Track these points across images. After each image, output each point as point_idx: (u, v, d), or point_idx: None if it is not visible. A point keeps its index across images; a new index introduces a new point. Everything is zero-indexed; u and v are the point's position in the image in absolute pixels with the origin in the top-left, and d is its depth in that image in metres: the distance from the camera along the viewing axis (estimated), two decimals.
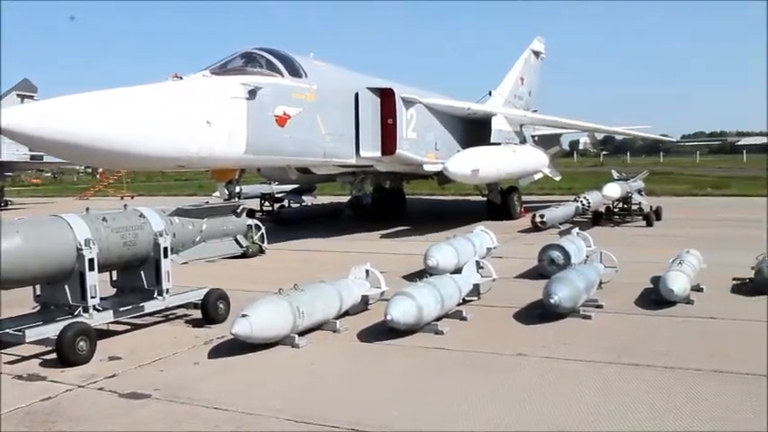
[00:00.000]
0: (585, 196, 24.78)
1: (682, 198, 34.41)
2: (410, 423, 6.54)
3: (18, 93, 43.60)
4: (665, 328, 9.85)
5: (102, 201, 40.40)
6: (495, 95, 31.69)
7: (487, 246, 15.27)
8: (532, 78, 37.30)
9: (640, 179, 26.77)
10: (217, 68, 17.75)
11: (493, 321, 10.45)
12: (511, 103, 32.30)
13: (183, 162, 16.19)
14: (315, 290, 9.97)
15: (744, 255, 13.91)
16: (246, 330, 8.61)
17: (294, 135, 18.14)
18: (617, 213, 23.67)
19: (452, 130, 24.49)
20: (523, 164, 25.30)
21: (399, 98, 21.41)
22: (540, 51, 38.08)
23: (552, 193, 36.35)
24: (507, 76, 34.98)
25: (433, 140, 23.27)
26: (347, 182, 26.19)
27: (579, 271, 11.23)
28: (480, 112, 25.48)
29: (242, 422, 6.64)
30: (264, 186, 29.94)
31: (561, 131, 32.49)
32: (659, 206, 24.56)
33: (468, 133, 24.97)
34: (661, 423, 6.42)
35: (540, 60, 38.28)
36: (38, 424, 6.77)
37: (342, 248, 18.88)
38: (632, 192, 23.66)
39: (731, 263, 13.89)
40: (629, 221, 23.42)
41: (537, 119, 29.40)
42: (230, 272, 14.69)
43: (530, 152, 26.43)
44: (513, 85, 34.75)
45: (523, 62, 36.17)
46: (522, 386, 7.56)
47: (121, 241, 9.61)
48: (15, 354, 9.04)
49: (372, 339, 9.46)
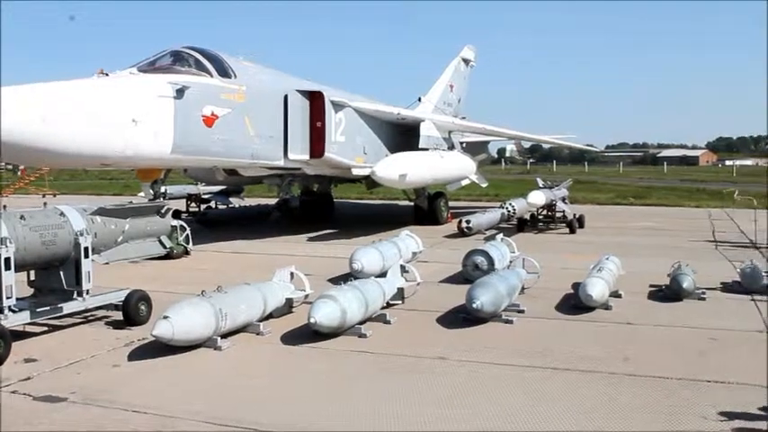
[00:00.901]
0: (511, 203, 25.17)
1: (604, 207, 35.20)
2: (331, 425, 6.57)
3: None
4: (584, 333, 10.10)
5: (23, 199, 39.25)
6: (425, 102, 31.82)
7: (413, 250, 15.40)
8: (462, 86, 37.63)
9: (565, 187, 27.31)
10: (144, 66, 17.45)
11: (416, 325, 10.53)
12: (440, 110, 32.49)
13: (108, 160, 15.87)
14: (238, 292, 9.91)
15: (661, 262, 14.41)
16: (168, 332, 8.50)
17: (222, 136, 17.96)
18: (541, 220, 24.06)
19: (381, 135, 24.55)
20: (451, 170, 25.53)
21: (329, 101, 21.37)
22: (469, 59, 38.44)
23: (479, 199, 36.77)
24: (437, 83, 35.20)
25: (362, 144, 23.29)
26: (275, 184, 26.02)
27: (502, 276, 11.41)
28: (409, 118, 25.60)
29: (160, 425, 6.57)
30: (191, 187, 29.55)
31: (489, 139, 32.92)
32: (582, 214, 25.13)
33: (396, 138, 25.07)
34: (578, 424, 6.58)
35: (469, 68, 38.64)
36: None
37: (268, 251, 18.77)
38: (556, 199, 24.10)
39: (649, 270, 14.34)
40: (552, 228, 23.85)
41: (465, 126, 29.68)
42: (154, 273, 14.50)
43: (457, 158, 26.67)
44: (442, 91, 34.97)
45: (453, 69, 36.44)
46: (444, 389, 7.65)
47: (40, 240, 9.38)
48: None
49: (296, 342, 9.45)
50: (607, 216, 29.43)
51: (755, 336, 9.93)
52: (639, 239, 21.31)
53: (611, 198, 39.42)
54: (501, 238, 15.55)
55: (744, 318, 11.03)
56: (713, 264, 16.11)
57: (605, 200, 38.41)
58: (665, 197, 40.17)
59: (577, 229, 23.45)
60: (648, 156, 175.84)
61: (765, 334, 9.98)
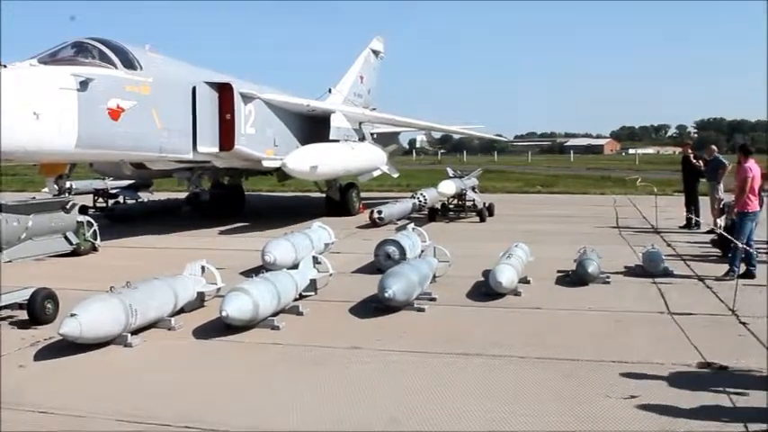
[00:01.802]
0: (422, 193, 25.47)
1: (514, 195, 35.95)
2: (244, 419, 6.57)
3: None
4: (494, 319, 10.35)
5: None
6: (335, 93, 31.80)
7: (325, 241, 15.44)
8: (372, 77, 37.75)
9: (474, 177, 27.75)
10: (45, 57, 16.89)
11: (329, 316, 10.60)
12: (350, 101, 32.53)
13: (10, 156, 15.34)
14: (148, 287, 9.77)
15: (567, 249, 14.86)
16: (75, 330, 8.33)
17: (128, 129, 17.55)
18: (452, 210, 24.41)
19: (292, 127, 24.46)
20: (362, 161, 25.63)
21: (238, 93, 21.16)
22: (379, 51, 38.58)
23: (390, 189, 37.01)
24: (347, 74, 35.22)
25: (272, 136, 23.15)
26: (185, 177, 25.62)
27: (413, 265, 11.56)
28: (320, 109, 25.57)
29: (69, 425, 6.46)
30: (98, 182, 28.84)
31: (399, 130, 33.12)
32: (492, 203, 25.62)
33: (307, 130, 25.02)
34: (486, 407, 6.76)
35: (379, 59, 38.79)
36: None
37: (179, 245, 18.52)
38: (467, 189, 24.48)
39: (556, 256, 14.75)
40: (463, 217, 24.22)
41: (375, 117, 29.82)
42: (60, 270, 14.14)
43: (368, 149, 26.80)
44: (352, 83, 35.02)
45: (363, 61, 36.53)
46: (358, 378, 7.74)
47: None
48: None
49: (208, 336, 9.39)
50: (516, 204, 30.07)
51: (656, 317, 10.34)
52: (547, 227, 21.85)
53: (519, 186, 40.30)
54: (412, 227, 15.73)
55: (646, 300, 11.47)
56: (617, 248, 16.69)
57: (514, 188, 39.27)
58: (571, 185, 41.26)
59: (487, 217, 23.90)
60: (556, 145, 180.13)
61: (665, 315, 10.41)
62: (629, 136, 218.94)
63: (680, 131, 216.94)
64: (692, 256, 15.80)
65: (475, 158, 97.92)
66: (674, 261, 14.60)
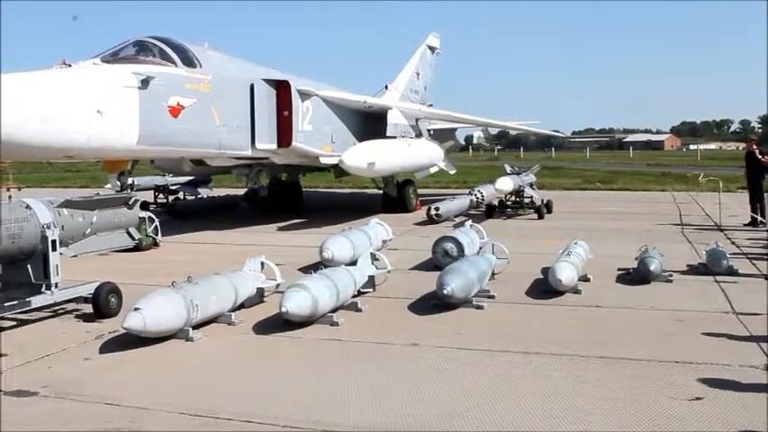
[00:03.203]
0: (479, 190, 25.34)
1: (572, 192, 35.54)
2: (305, 414, 6.57)
3: None
4: (554, 317, 10.20)
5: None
6: (392, 89, 31.81)
7: (383, 238, 15.44)
8: (428, 73, 37.67)
9: (532, 173, 27.49)
10: (108, 56, 17.22)
11: (387, 312, 10.57)
12: (407, 98, 32.49)
13: (72, 152, 15.69)
14: (209, 282, 9.87)
15: (628, 246, 14.62)
16: (139, 324, 8.46)
17: (188, 126, 17.81)
18: (509, 206, 24.23)
19: (349, 124, 24.54)
20: (419, 157, 25.60)
21: (295, 90, 21.31)
22: (435, 47, 38.48)
23: (447, 186, 36.92)
24: (403, 71, 35.19)
25: (330, 133, 23.26)
26: (243, 174, 25.91)
27: (472, 262, 11.48)
28: (376, 106, 25.60)
29: (134, 417, 6.54)
30: (158, 178, 29.34)
31: (456, 126, 33.02)
32: (550, 199, 25.35)
33: (364, 126, 25.08)
34: (549, 407, 6.65)
35: (435, 56, 38.69)
36: None
37: (237, 241, 18.71)
38: (524, 185, 24.26)
39: (616, 254, 14.52)
40: (521, 214, 24.03)
41: (432, 113, 29.77)
42: (123, 265, 14.40)
43: (425, 146, 26.77)
44: (408, 79, 34.98)
45: (419, 57, 36.46)
46: (416, 375, 7.69)
47: (6, 234, 9.28)
48: None
49: (268, 332, 9.44)
50: (574, 201, 29.74)
51: (721, 317, 10.09)
52: (607, 224, 21.53)
53: (577, 183, 39.85)
54: (470, 224, 15.65)
55: (709, 299, 11.20)
56: (679, 246, 16.35)
57: (572, 185, 38.83)
58: (631, 181, 40.64)
59: (545, 214, 23.65)
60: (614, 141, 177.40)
61: (730, 315, 10.15)
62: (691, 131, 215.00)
63: (743, 126, 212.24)
64: (757, 254, 15.41)
65: (532, 155, 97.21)
66: (739, 259, 14.23)
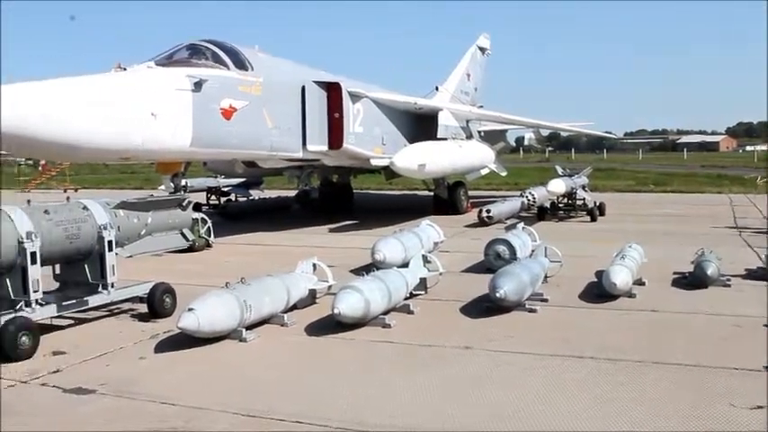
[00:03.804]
0: (531, 192, 25.13)
1: (624, 194, 35.04)
2: (356, 416, 6.56)
3: None
4: (608, 321, 10.05)
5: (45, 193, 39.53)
6: (442, 91, 31.78)
7: (434, 240, 15.37)
8: (478, 74, 37.54)
9: (585, 175, 27.22)
10: (162, 60, 17.49)
11: (440, 315, 10.53)
12: (457, 99, 32.42)
13: (128, 154, 15.98)
14: (262, 283, 9.94)
15: (683, 249, 14.35)
16: (193, 324, 8.55)
17: (240, 128, 17.98)
18: (562, 209, 23.99)
19: (399, 125, 24.54)
20: (470, 159, 25.50)
21: (346, 92, 21.37)
22: (485, 48, 38.34)
23: (498, 188, 36.70)
24: (453, 72, 35.12)
25: (380, 135, 23.29)
26: (294, 176, 26.07)
27: (524, 265, 11.37)
28: (427, 108, 25.57)
29: (189, 416, 6.61)
30: (211, 180, 29.68)
31: (507, 127, 32.84)
32: (602, 202, 25.03)
33: (414, 128, 25.06)
34: (603, 412, 6.56)
35: (485, 57, 38.54)
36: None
37: (289, 242, 18.81)
38: (576, 187, 24.02)
39: (672, 257, 14.27)
40: (573, 217, 23.77)
41: (483, 114, 29.64)
42: (177, 266, 14.56)
43: (476, 147, 26.66)
44: (459, 80, 34.91)
45: (469, 58, 36.35)
46: (468, 378, 7.64)
47: (64, 234, 9.46)
48: None
49: (320, 333, 9.46)
50: (628, 203, 29.34)
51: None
52: (661, 226, 21.19)
53: (630, 185, 39.30)
54: (522, 226, 15.50)
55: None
56: (737, 250, 16.00)
57: (625, 187, 38.31)
58: (685, 183, 39.94)
59: (598, 216, 23.38)
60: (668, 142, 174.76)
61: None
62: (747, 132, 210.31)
63: None
64: None
65: (583, 156, 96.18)
66: None
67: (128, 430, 6.38)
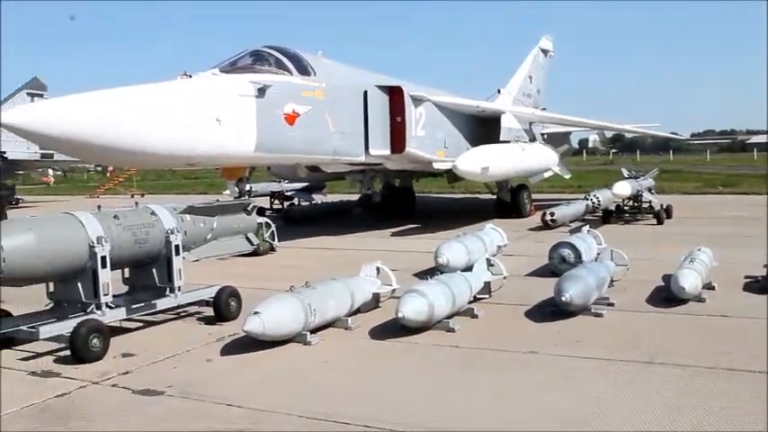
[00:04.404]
0: (595, 194, 24.77)
1: (692, 196, 34.31)
2: (421, 420, 6.54)
3: (28, 91, 43.99)
4: (678, 326, 9.82)
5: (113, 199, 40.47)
6: (504, 93, 31.61)
7: (498, 243, 15.26)
8: (541, 76, 37.25)
9: (651, 177, 26.72)
10: (226, 66, 17.75)
11: (504, 319, 10.44)
12: (519, 101, 32.23)
13: (194, 160, 16.23)
14: (326, 287, 9.99)
15: (755, 253, 13.94)
16: (259, 328, 8.63)
17: (303, 133, 18.14)
18: (627, 211, 23.61)
19: (461, 128, 24.47)
20: (533, 162, 25.28)
21: (408, 96, 21.39)
22: (548, 49, 38.02)
23: (562, 191, 36.26)
24: (516, 75, 34.92)
25: (443, 138, 23.26)
26: (357, 180, 26.19)
27: (590, 269, 11.19)
28: (489, 110, 25.45)
29: (255, 419, 6.66)
30: (274, 184, 29.98)
31: (570, 129, 32.49)
32: (670, 204, 24.50)
33: (477, 131, 24.96)
34: (673, 420, 6.40)
35: (548, 58, 38.22)
36: (53, 420, 6.81)
37: (352, 246, 18.89)
38: (642, 190, 23.60)
39: (742, 260, 13.89)
40: (639, 219, 23.37)
41: (546, 117, 29.36)
42: (241, 269, 14.72)
43: (539, 150, 26.41)
44: (521, 83, 34.68)
45: (532, 60, 36.09)
46: (534, 383, 7.55)
47: (133, 239, 9.66)
48: (30, 350, 9.09)
49: (384, 337, 9.46)
50: (695, 206, 28.72)
51: None
52: (731, 229, 20.66)
53: (698, 187, 38.41)
54: (587, 229, 15.28)
55: None
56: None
57: (692, 189, 37.45)
58: (755, 185, 38.82)
59: (665, 219, 22.90)
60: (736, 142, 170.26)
61: None
62: None
63: None
64: None
65: (648, 158, 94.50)
66: None
67: (194, 431, 6.46)
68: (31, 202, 43.61)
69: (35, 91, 44.11)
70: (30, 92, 43.85)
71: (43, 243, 8.61)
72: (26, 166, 46.43)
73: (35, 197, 49.47)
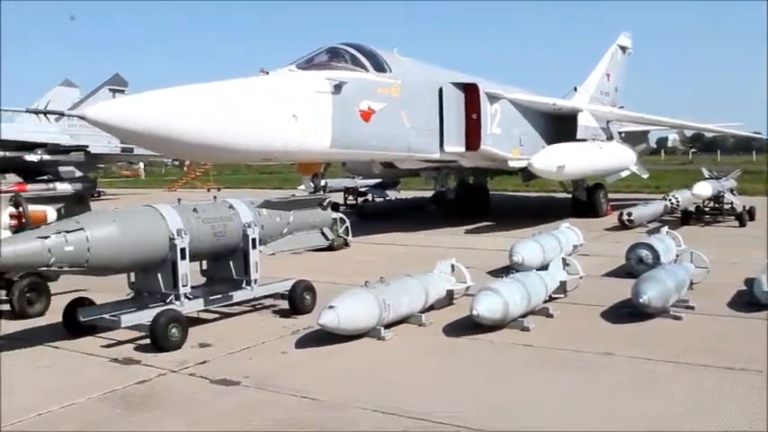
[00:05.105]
0: (674, 195, 24.20)
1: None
2: (493, 419, 6.50)
3: (110, 87, 45.15)
4: (760, 332, 9.51)
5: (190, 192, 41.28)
6: (581, 91, 31.11)
7: (573, 243, 15.05)
8: (619, 74, 36.55)
9: (732, 178, 26.01)
10: (302, 63, 17.93)
11: (580, 319, 10.30)
12: (597, 100, 31.67)
13: (271, 155, 16.44)
14: (401, 283, 10.01)
15: None
16: (334, 322, 8.70)
17: (378, 129, 18.20)
18: (708, 213, 23.02)
19: (537, 126, 24.21)
20: (610, 161, 24.84)
21: (484, 93, 21.25)
22: (626, 47, 37.28)
23: (639, 191, 35.54)
24: (593, 72, 34.34)
25: (518, 136, 23.05)
26: (431, 177, 26.13)
27: (669, 270, 10.94)
28: (566, 108, 25.10)
29: (329, 411, 6.73)
30: (348, 180, 30.18)
31: (649, 128, 31.80)
32: (753, 206, 23.77)
33: (553, 129, 24.66)
34: (754, 426, 6.23)
35: (626, 56, 37.49)
36: (133, 406, 6.99)
37: (425, 243, 18.88)
38: (724, 191, 22.99)
39: None
40: (720, 221, 22.76)
41: (623, 115, 28.80)
42: (316, 264, 14.86)
43: (617, 149, 25.93)
44: (599, 80, 34.11)
45: (609, 57, 35.44)
46: (610, 385, 7.44)
47: (211, 232, 9.84)
48: (111, 338, 9.35)
49: (458, 334, 9.43)
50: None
51: None
52: None
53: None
54: (666, 230, 14.95)
55: None
56: None
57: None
58: None
59: (747, 221, 22.25)
60: None
61: None
62: None
63: None
64: None
65: (729, 158, 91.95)
66: None
67: (270, 421, 6.54)
68: (112, 195, 44.81)
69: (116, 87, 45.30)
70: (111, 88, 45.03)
71: (126, 234, 8.84)
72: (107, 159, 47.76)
73: (116, 190, 50.83)
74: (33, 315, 10.80)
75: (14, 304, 10.78)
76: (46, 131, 40.89)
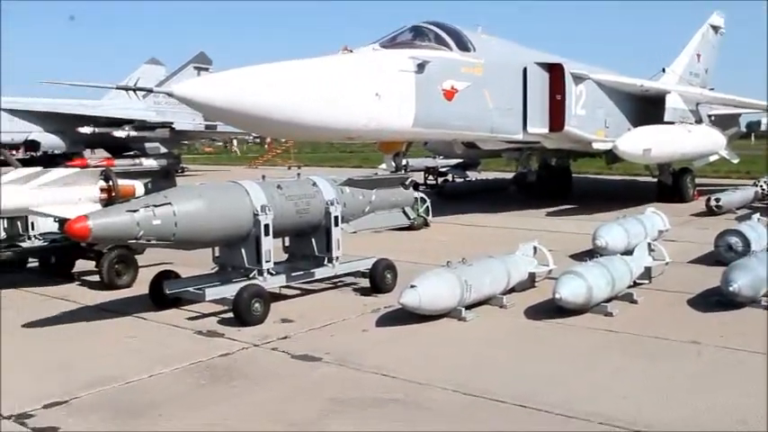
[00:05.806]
0: (766, 181, 23.44)
1: None
2: (575, 404, 6.39)
3: (195, 65, 46.13)
4: None
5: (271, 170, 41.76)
6: (669, 73, 30.29)
7: (659, 228, 14.69)
8: (710, 55, 35.40)
9: None
10: (386, 42, 17.91)
11: (665, 306, 10.06)
12: (686, 81, 30.76)
13: (353, 134, 16.51)
14: (483, 264, 9.93)
15: None
16: (415, 301, 8.69)
17: (461, 109, 18.07)
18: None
19: (623, 108, 23.64)
20: (699, 145, 24.09)
21: (569, 74, 20.87)
22: (719, 26, 36.02)
23: (728, 176, 34.54)
24: (683, 53, 33.34)
25: (603, 118, 22.56)
26: (513, 158, 25.86)
27: (761, 259, 10.54)
28: (653, 90, 24.45)
29: (409, 390, 6.74)
30: (429, 160, 30.10)
31: (740, 111, 30.74)
32: None
33: (640, 111, 24.04)
34: None
35: (718, 36, 36.26)
36: (217, 377, 7.13)
37: (506, 224, 18.70)
38: None
39: None
40: None
41: (714, 97, 27.87)
42: (396, 243, 14.87)
43: (706, 132, 25.13)
44: (688, 61, 33.11)
45: (700, 38, 34.36)
46: (697, 374, 7.26)
47: (295, 209, 9.94)
48: (195, 311, 9.55)
49: (539, 317, 9.33)
50: None
51: None
52: None
53: None
54: (757, 217, 14.45)
55: None
56: None
57: None
58: None
59: None
60: None
61: None
62: None
63: None
64: None
65: None
66: None
67: (351, 398, 6.59)
68: (195, 171, 45.71)
69: (201, 65, 46.29)
70: (196, 66, 46.05)
71: (212, 209, 9.01)
72: (191, 136, 48.85)
73: (198, 166, 51.83)
74: (121, 286, 11.14)
75: (104, 275, 11.15)
76: (135, 108, 42.12)
